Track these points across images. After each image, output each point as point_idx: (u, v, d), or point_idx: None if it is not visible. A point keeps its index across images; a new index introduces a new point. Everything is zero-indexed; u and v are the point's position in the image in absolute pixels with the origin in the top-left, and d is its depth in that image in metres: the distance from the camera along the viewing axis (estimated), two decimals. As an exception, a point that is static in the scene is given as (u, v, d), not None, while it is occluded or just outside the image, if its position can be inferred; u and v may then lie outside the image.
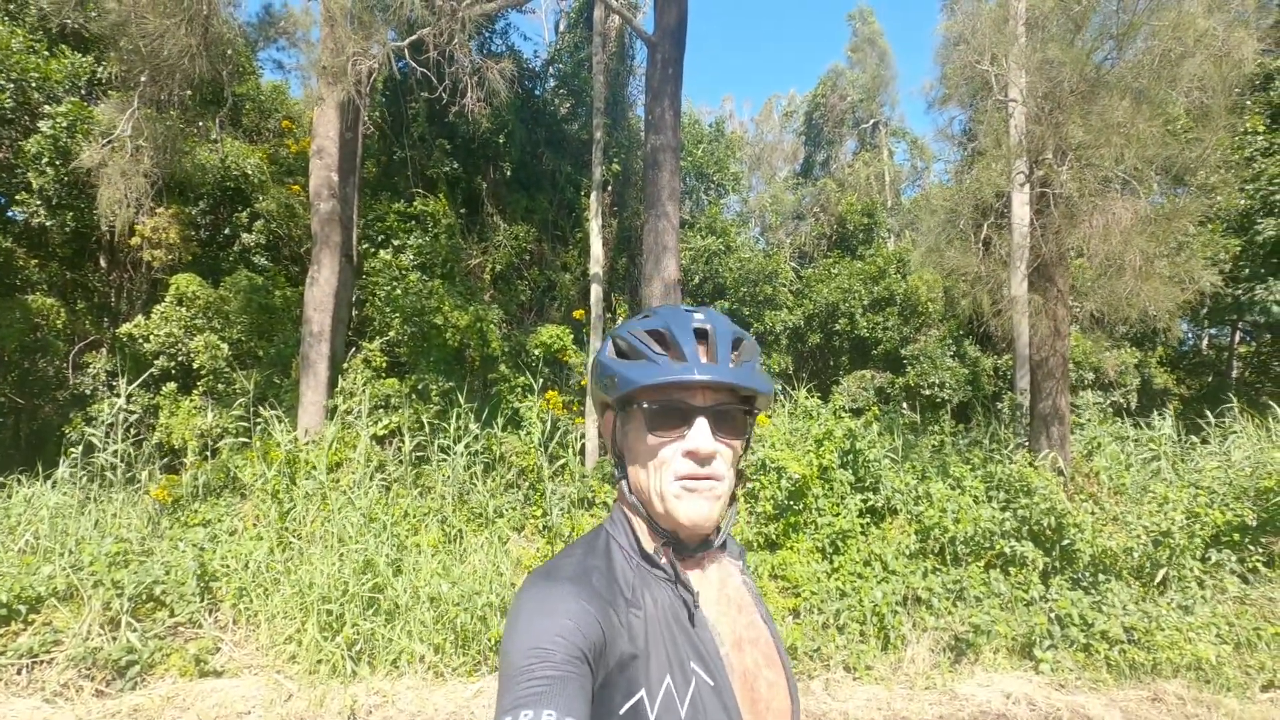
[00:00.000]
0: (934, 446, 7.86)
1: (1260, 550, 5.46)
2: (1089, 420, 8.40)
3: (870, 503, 6.04)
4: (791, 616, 5.15)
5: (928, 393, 10.58)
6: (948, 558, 5.48)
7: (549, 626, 0.80)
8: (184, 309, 8.73)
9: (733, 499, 1.01)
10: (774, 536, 5.74)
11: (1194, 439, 7.82)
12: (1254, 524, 5.46)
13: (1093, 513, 5.83)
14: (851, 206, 14.98)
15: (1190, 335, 14.94)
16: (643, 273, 6.88)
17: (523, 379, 8.62)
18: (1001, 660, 4.73)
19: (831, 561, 5.54)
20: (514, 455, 7.21)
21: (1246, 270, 10.96)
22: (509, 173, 11.60)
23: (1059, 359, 6.65)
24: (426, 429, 7.33)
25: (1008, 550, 5.32)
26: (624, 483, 1.00)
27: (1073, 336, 9.42)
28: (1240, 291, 10.97)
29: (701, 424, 0.91)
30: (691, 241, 12.28)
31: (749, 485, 5.88)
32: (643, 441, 0.95)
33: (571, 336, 9.57)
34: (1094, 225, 5.96)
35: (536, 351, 9.33)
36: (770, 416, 7.35)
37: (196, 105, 9.41)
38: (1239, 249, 10.60)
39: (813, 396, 7.68)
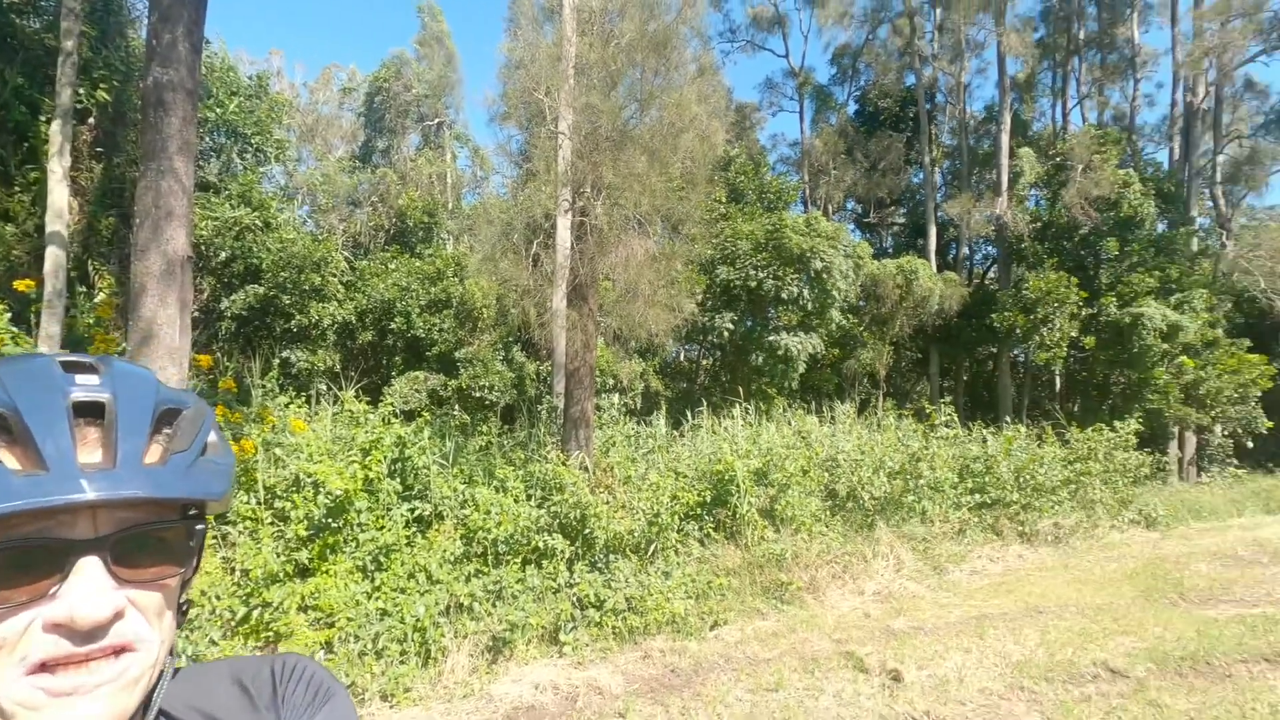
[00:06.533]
0: (481, 447, 8.13)
1: (712, 519, 7.16)
2: (608, 420, 9.87)
3: (418, 511, 5.85)
4: (324, 650, 4.58)
5: (479, 395, 10.98)
6: (490, 559, 5.66)
7: None
8: None
9: (168, 656, 0.63)
10: (306, 562, 5.05)
11: (676, 434, 9.91)
12: (709, 499, 7.14)
13: (608, 502, 6.79)
14: (413, 202, 14.66)
15: (676, 350, 19.13)
16: (136, 242, 5.29)
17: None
18: (533, 651, 5.06)
19: (373, 580, 5.13)
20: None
21: (709, 303, 14.56)
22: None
23: (587, 369, 7.60)
24: None
25: (541, 544, 5.77)
26: None
27: (599, 349, 10.96)
28: (706, 318, 14.52)
29: (89, 571, 0.54)
30: (217, 210, 10.18)
31: (284, 507, 5.03)
32: None
33: (9, 316, 6.77)
34: (619, 256, 6.98)
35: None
36: (309, 422, 6.52)
37: None
38: (705, 286, 14.01)
39: (362, 400, 7.10)
